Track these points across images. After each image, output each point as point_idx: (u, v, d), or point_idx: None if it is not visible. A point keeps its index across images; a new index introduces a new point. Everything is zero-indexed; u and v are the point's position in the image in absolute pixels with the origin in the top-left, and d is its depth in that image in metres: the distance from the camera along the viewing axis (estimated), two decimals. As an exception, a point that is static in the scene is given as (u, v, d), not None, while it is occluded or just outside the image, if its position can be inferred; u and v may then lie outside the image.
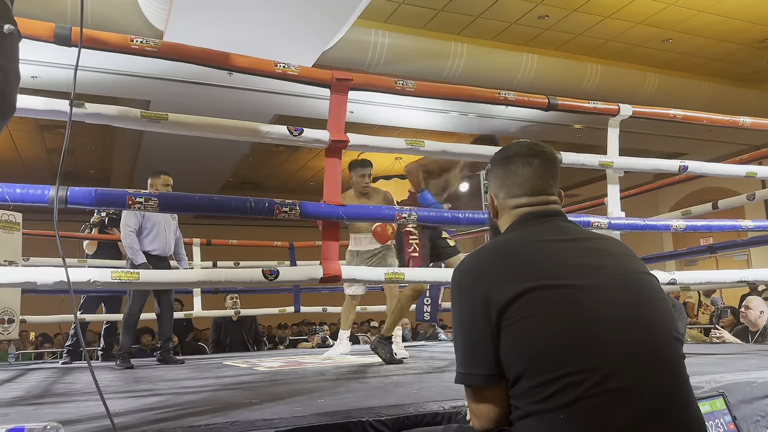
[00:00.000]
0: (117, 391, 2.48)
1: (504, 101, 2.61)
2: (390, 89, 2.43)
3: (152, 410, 1.76)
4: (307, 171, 11.29)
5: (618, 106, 2.96)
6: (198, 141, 8.92)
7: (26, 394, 2.50)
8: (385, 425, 1.48)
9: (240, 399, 1.93)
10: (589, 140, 8.20)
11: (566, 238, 1.23)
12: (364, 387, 2.24)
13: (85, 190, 1.82)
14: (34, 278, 1.80)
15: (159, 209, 1.94)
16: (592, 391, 1.02)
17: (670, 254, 5.08)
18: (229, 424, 1.41)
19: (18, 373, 3.96)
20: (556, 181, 1.34)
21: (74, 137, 8.93)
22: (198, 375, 3.15)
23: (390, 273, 2.42)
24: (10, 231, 4.54)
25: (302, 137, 2.26)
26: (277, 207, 2.14)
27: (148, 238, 4.22)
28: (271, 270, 2.18)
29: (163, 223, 4.30)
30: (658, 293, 1.19)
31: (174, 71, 6.27)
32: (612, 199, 2.95)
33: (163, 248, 4.30)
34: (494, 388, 1.13)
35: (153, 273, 1.98)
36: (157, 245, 4.25)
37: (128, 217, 4.14)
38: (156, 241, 4.24)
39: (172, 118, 2.06)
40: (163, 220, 4.31)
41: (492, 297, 1.11)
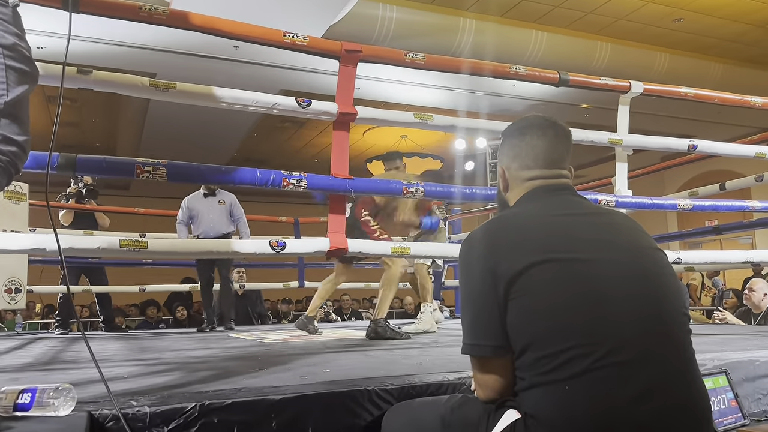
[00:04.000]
0: (123, 359, 2.51)
1: (515, 75, 2.58)
2: (400, 61, 2.41)
3: (159, 377, 1.78)
4: (312, 148, 11.25)
5: (629, 83, 2.94)
6: (203, 116, 8.92)
7: (35, 361, 2.53)
8: (390, 394, 1.49)
9: (246, 368, 1.95)
10: (597, 121, 8.14)
11: (576, 212, 1.23)
12: (369, 359, 2.26)
13: (95, 158, 1.83)
14: (43, 245, 1.81)
15: (167, 179, 1.94)
16: (598, 363, 1.03)
17: (675, 235, 5.07)
18: (237, 390, 1.43)
19: (26, 341, 4.01)
20: (569, 155, 1.34)
21: (80, 110, 8.92)
22: (204, 346, 3.18)
23: (396, 247, 2.42)
24: (17, 201, 4.56)
25: (310, 109, 2.25)
26: (285, 179, 2.14)
27: (195, 226, 5.07)
28: (278, 242, 2.19)
29: (206, 212, 5.05)
30: (666, 268, 1.19)
31: (180, 44, 6.23)
32: (620, 177, 2.94)
33: (207, 232, 5.01)
34: (500, 359, 1.14)
35: (161, 242, 1.98)
36: (202, 229, 5.03)
37: (179, 211, 5.11)
38: (200, 226, 5.03)
39: (180, 87, 2.05)
40: (204, 208, 5.07)
41: (500, 269, 1.11)
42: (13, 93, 1.22)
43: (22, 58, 1.26)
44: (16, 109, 1.23)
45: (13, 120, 1.21)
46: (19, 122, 1.23)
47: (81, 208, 5.35)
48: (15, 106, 1.22)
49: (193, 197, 5.18)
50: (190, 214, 5.09)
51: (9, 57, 1.23)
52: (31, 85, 1.29)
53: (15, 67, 1.24)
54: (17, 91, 1.23)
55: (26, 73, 1.27)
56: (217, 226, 5.04)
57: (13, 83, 1.23)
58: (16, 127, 1.22)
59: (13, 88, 1.22)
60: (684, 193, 4.59)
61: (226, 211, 5.13)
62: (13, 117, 1.22)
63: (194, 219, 5.09)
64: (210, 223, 5.02)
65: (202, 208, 5.08)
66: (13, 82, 1.23)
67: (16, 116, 1.22)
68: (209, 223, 5.03)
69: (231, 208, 5.17)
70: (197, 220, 5.07)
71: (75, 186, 5.28)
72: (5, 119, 1.20)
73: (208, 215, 5.06)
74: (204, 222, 5.04)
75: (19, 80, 1.24)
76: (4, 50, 1.22)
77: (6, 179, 1.22)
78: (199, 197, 5.16)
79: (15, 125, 1.22)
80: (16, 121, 1.22)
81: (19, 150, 1.22)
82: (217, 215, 5.08)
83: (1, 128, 1.19)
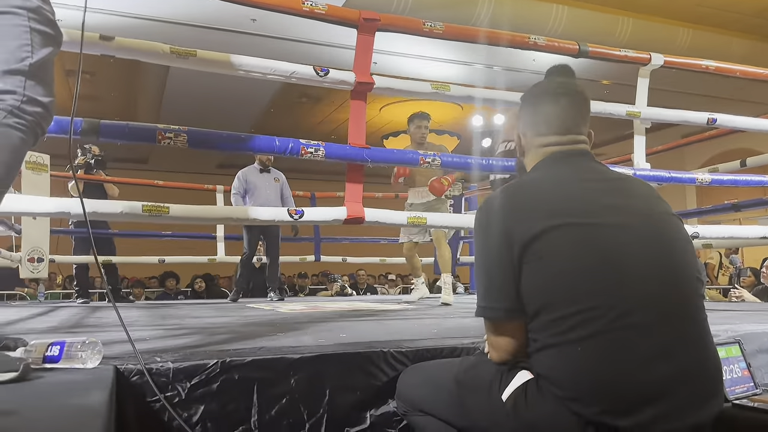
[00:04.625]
0: (145, 324, 2.57)
1: (533, 46, 2.56)
2: (418, 30, 2.40)
3: (180, 339, 1.83)
4: (329, 124, 11.24)
5: (649, 55, 2.91)
6: (220, 92, 8.95)
7: (60, 325, 2.61)
8: (405, 356, 1.52)
9: (265, 332, 1.99)
10: (617, 98, 8.01)
11: (592, 177, 1.23)
12: (384, 326, 2.29)
13: (118, 123, 1.86)
14: (67, 208, 1.85)
15: (188, 145, 1.97)
16: (611, 325, 1.04)
17: (694, 212, 5.03)
18: (257, 350, 1.47)
19: (49, 309, 4.11)
20: (586, 120, 1.33)
21: (99, 84, 8.98)
22: (223, 314, 3.24)
23: (412, 217, 2.44)
24: (38, 172, 4.64)
25: (328, 78, 2.26)
26: (303, 147, 2.16)
27: (251, 200, 5.04)
28: (296, 210, 2.21)
29: (263, 187, 5.09)
30: (681, 233, 1.20)
31: (197, 17, 6.23)
32: (638, 151, 2.92)
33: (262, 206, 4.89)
34: (513, 322, 1.16)
35: (182, 207, 2.02)
36: (259, 204, 4.92)
37: (234, 182, 5.14)
38: (257, 200, 5.00)
39: (200, 54, 2.07)
40: (261, 183, 5.10)
41: (515, 233, 1.13)
42: (37, 55, 1.24)
43: (46, 20, 1.28)
44: (41, 71, 1.25)
45: (38, 81, 1.24)
46: (43, 84, 1.25)
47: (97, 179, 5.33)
48: (40, 68, 1.24)
49: (249, 170, 5.17)
50: (247, 187, 5.10)
51: (33, 20, 1.25)
52: (55, 48, 1.31)
53: (39, 30, 1.26)
54: (42, 53, 1.25)
55: (50, 36, 1.29)
56: (273, 202, 5.03)
57: (38, 45, 1.25)
58: (41, 89, 1.24)
59: (38, 50, 1.25)
60: (704, 170, 4.54)
61: (279, 189, 5.19)
62: (38, 78, 1.24)
63: (250, 192, 5.08)
64: (266, 199, 5.02)
65: (259, 183, 5.11)
66: (38, 44, 1.25)
67: (41, 78, 1.25)
68: (266, 198, 5.03)
69: (283, 186, 5.23)
70: (254, 194, 5.07)
71: (83, 157, 5.24)
72: (30, 81, 1.22)
73: (265, 191, 5.09)
74: (261, 197, 5.04)
75: (43, 42, 1.26)
76: (29, 13, 1.25)
77: (33, 139, 1.24)
78: (254, 171, 5.17)
79: (40, 87, 1.24)
80: (41, 82, 1.24)
81: (45, 111, 1.24)
82: (272, 192, 5.12)
83: (27, 89, 1.21)
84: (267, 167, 5.18)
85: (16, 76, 1.20)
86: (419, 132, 4.11)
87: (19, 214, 3.31)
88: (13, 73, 1.20)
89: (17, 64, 1.21)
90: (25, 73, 1.21)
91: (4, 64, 1.20)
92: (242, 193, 5.12)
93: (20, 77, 1.21)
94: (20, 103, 1.19)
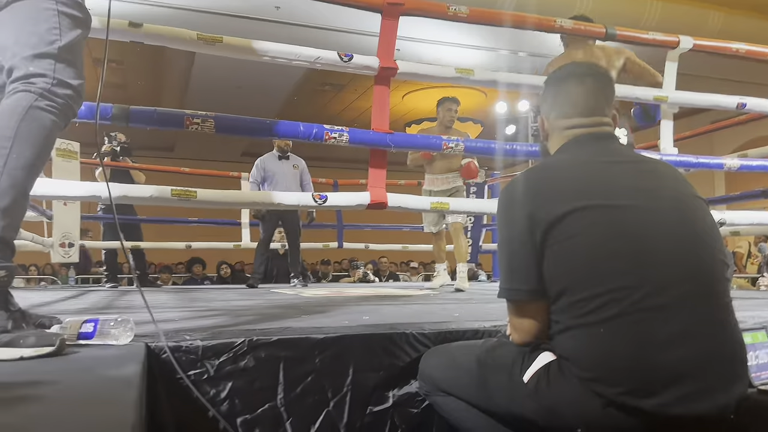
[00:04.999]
0: (174, 306, 2.63)
1: (560, 29, 2.54)
2: (442, 14, 2.39)
3: (208, 320, 1.88)
4: (351, 111, 11.26)
5: (678, 38, 2.86)
6: (244, 79, 9.01)
7: (91, 307, 2.68)
8: (428, 338, 1.54)
9: (290, 314, 2.03)
10: (644, 83, 7.88)
11: (616, 159, 1.23)
12: (407, 310, 2.31)
13: (147, 109, 1.89)
14: (98, 192, 1.90)
15: (215, 130, 2.00)
16: (634, 307, 1.04)
17: (722, 198, 4.93)
18: (282, 329, 1.50)
19: (80, 292, 4.22)
20: (609, 103, 1.32)
21: (125, 72, 9.11)
22: (248, 297, 3.29)
23: (435, 202, 2.45)
24: (69, 160, 4.73)
25: (352, 63, 2.27)
26: (327, 133, 2.18)
27: (269, 188, 4.97)
28: (320, 195, 2.24)
29: (281, 174, 5.01)
30: (706, 216, 1.19)
31: (221, 5, 6.26)
32: (665, 136, 2.88)
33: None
34: (536, 303, 1.16)
35: (209, 192, 2.06)
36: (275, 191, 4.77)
37: (252, 171, 5.07)
38: (276, 188, 4.91)
39: (227, 41, 2.10)
40: (282, 172, 5.02)
41: (538, 215, 1.13)
42: (66, 38, 1.27)
43: (73, 4, 1.30)
44: (70, 54, 1.27)
45: (68, 64, 1.26)
46: (73, 66, 1.27)
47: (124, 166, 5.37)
48: (69, 51, 1.27)
49: (267, 158, 5.12)
50: (265, 175, 5.04)
51: (61, 3, 1.27)
52: (84, 31, 1.34)
53: (67, 13, 1.28)
54: (70, 35, 1.28)
55: (78, 19, 1.31)
56: (291, 189, 4.96)
57: (66, 28, 1.27)
58: (71, 71, 1.27)
59: (66, 33, 1.27)
60: (732, 155, 4.45)
61: (298, 176, 5.12)
62: (68, 61, 1.26)
63: (269, 180, 5.03)
64: (285, 186, 4.97)
65: (278, 170, 5.05)
66: (66, 27, 1.27)
67: (71, 60, 1.27)
68: (285, 185, 4.97)
69: (302, 173, 5.16)
70: (273, 181, 5.01)
71: (109, 145, 5.28)
72: (60, 63, 1.24)
73: (284, 178, 5.02)
74: (280, 184, 4.98)
75: (71, 25, 1.29)
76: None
77: (64, 121, 1.27)
78: (273, 158, 5.10)
79: (70, 69, 1.26)
80: (70, 65, 1.27)
81: (75, 93, 1.27)
82: (291, 179, 5.06)
83: (57, 72, 1.24)
84: (286, 154, 5.11)
85: (45, 59, 1.23)
86: (449, 115, 4.15)
87: (51, 198, 3.38)
88: (43, 57, 1.23)
89: (46, 48, 1.23)
90: (54, 56, 1.24)
91: (34, 47, 1.23)
92: (259, 181, 5.07)
93: (50, 60, 1.23)
94: (50, 85, 1.22)
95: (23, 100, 1.19)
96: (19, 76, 1.21)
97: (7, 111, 1.19)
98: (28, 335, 1.10)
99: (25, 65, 1.22)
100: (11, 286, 1.19)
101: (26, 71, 1.21)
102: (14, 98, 1.20)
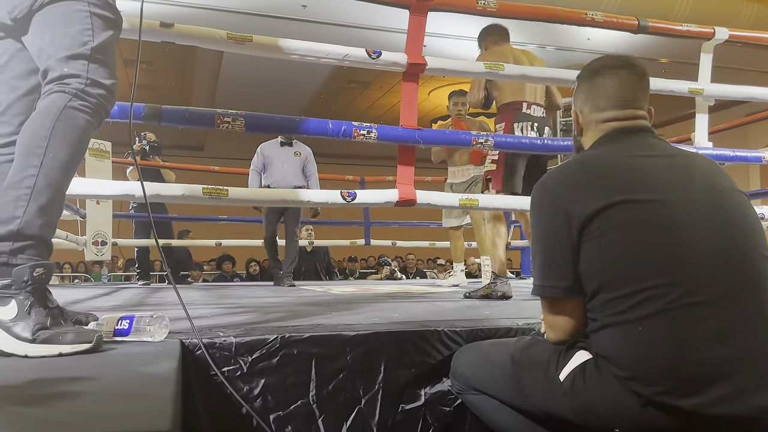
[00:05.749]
0: (205, 303, 2.66)
1: (591, 22, 2.50)
2: (471, 9, 2.37)
3: (240, 316, 1.89)
4: (377, 109, 11.26)
5: (713, 29, 2.79)
6: (271, 78, 9.08)
7: (124, 304, 2.73)
8: (459, 336, 1.53)
9: (320, 312, 2.04)
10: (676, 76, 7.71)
11: (653, 154, 1.20)
12: (437, 307, 2.30)
13: (178, 108, 1.92)
14: (131, 191, 1.93)
15: (245, 129, 2.01)
16: (673, 304, 1.02)
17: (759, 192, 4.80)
18: (314, 326, 1.50)
19: (112, 290, 4.30)
20: (645, 95, 1.29)
21: (155, 73, 9.26)
22: (277, 294, 3.32)
23: (464, 199, 2.43)
24: (101, 159, 4.81)
25: (380, 60, 2.26)
26: (356, 130, 2.18)
27: (267, 174, 4.84)
28: (349, 192, 2.24)
29: (280, 160, 4.83)
30: (747, 210, 1.16)
31: (249, 5, 6.31)
32: (700, 129, 2.82)
33: (278, 181, 4.78)
34: (572, 301, 1.14)
35: (240, 190, 2.08)
36: (273, 180, 4.80)
37: (254, 158, 4.90)
38: (272, 176, 4.81)
39: (256, 40, 2.11)
40: (279, 158, 4.84)
41: (574, 211, 1.11)
42: (98, 39, 1.29)
43: (105, 5, 1.32)
44: (103, 54, 1.29)
45: (101, 64, 1.28)
46: (106, 66, 1.29)
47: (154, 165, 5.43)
48: (101, 51, 1.29)
49: (268, 144, 4.96)
50: (265, 161, 4.88)
51: (93, 4, 1.29)
52: (116, 31, 1.36)
53: (99, 14, 1.30)
54: (103, 36, 1.30)
55: (110, 20, 1.33)
56: (290, 177, 4.81)
57: (99, 29, 1.29)
58: (104, 71, 1.29)
59: (99, 33, 1.29)
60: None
61: (300, 163, 4.91)
62: (101, 62, 1.28)
63: (267, 167, 4.87)
64: (282, 174, 4.80)
65: (275, 157, 4.85)
66: (99, 28, 1.29)
67: (103, 61, 1.29)
68: (282, 173, 4.81)
69: (306, 161, 4.95)
70: (269, 169, 4.85)
71: (139, 144, 5.34)
72: (93, 64, 1.26)
73: (281, 165, 4.83)
74: (276, 172, 4.81)
75: (104, 26, 1.31)
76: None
77: (98, 121, 1.29)
78: (275, 145, 4.92)
79: (102, 69, 1.28)
80: (103, 65, 1.29)
81: (107, 93, 1.29)
82: (290, 166, 4.85)
83: (90, 72, 1.26)
84: (290, 141, 4.88)
85: (79, 60, 1.25)
86: (455, 109, 4.19)
87: (85, 197, 3.45)
88: (76, 58, 1.25)
89: (80, 49, 1.25)
90: (87, 57, 1.26)
91: (67, 49, 1.25)
92: (260, 169, 4.87)
93: (83, 61, 1.25)
94: (84, 86, 1.24)
95: (58, 101, 1.22)
96: (54, 77, 1.24)
97: (43, 111, 1.21)
98: (66, 332, 1.12)
99: (60, 66, 1.24)
100: (49, 283, 1.21)
101: (61, 72, 1.23)
102: (49, 99, 1.22)
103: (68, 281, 8.82)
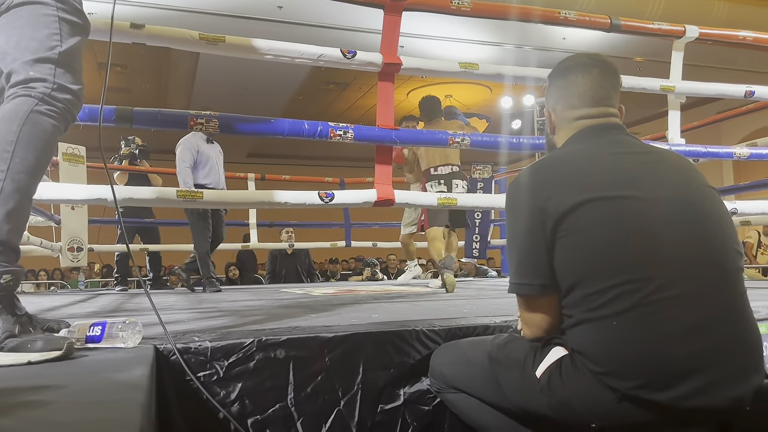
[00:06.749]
0: (182, 308, 2.63)
1: (564, 21, 2.52)
2: (445, 8, 2.37)
3: (217, 320, 1.87)
4: (356, 110, 11.24)
5: (684, 27, 2.83)
6: (249, 80, 9.01)
7: (100, 310, 2.69)
8: (438, 334, 1.52)
9: (299, 314, 2.02)
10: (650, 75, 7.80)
11: (626, 151, 1.21)
12: (416, 307, 2.30)
13: (151, 110, 1.89)
14: (103, 195, 1.89)
15: (219, 130, 1.99)
16: (647, 299, 1.02)
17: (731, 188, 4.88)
18: (291, 329, 1.49)
19: (89, 296, 4.23)
20: (616, 93, 1.31)
21: (130, 76, 9.13)
22: (257, 298, 3.29)
23: (443, 198, 2.43)
24: (75, 164, 4.74)
25: (355, 60, 2.26)
26: (332, 130, 2.17)
27: (202, 172, 4.34)
28: (327, 193, 2.23)
29: (214, 158, 4.43)
30: (718, 205, 1.17)
31: (223, 5, 6.26)
32: (672, 126, 2.86)
33: (216, 181, 4.40)
34: (547, 298, 1.15)
35: (215, 193, 2.05)
36: (212, 179, 4.36)
37: (184, 153, 4.28)
38: (210, 175, 4.37)
39: (229, 40, 2.09)
40: (214, 155, 4.44)
41: (548, 208, 1.11)
42: (66, 44, 1.27)
43: (73, 10, 1.31)
44: (70, 59, 1.28)
45: (68, 69, 1.27)
46: (72, 71, 1.28)
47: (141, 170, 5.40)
48: (69, 56, 1.27)
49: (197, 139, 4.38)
50: (199, 158, 4.34)
51: (62, 9, 1.28)
52: (84, 37, 1.34)
53: (67, 20, 1.29)
54: (70, 42, 1.28)
55: (78, 25, 1.32)
56: (222, 177, 4.48)
57: (66, 34, 1.28)
58: (71, 76, 1.27)
59: (67, 39, 1.28)
60: (741, 145, 4.40)
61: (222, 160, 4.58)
62: (68, 66, 1.27)
63: (203, 163, 4.35)
64: (219, 174, 4.44)
65: (212, 155, 4.41)
66: (66, 33, 1.28)
67: (70, 66, 1.28)
68: (219, 173, 4.44)
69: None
70: (205, 166, 4.35)
71: (127, 148, 5.31)
72: (60, 68, 1.25)
73: (216, 162, 4.44)
74: (214, 170, 4.39)
75: (71, 32, 1.29)
76: (57, 3, 1.27)
77: (64, 125, 1.28)
78: (202, 140, 4.40)
79: (69, 74, 1.27)
80: (70, 70, 1.27)
81: (74, 98, 1.27)
82: (220, 164, 4.51)
83: (57, 77, 1.24)
84: (212, 138, 4.47)
85: (46, 64, 1.23)
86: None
87: (55, 202, 3.39)
88: (43, 62, 1.23)
89: (47, 53, 1.24)
90: (54, 61, 1.24)
91: (34, 52, 1.23)
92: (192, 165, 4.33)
93: (50, 65, 1.24)
94: (51, 90, 1.22)
95: (24, 105, 1.19)
96: (19, 81, 1.21)
97: (9, 115, 1.19)
98: (35, 339, 1.10)
99: (25, 70, 1.22)
100: (18, 290, 1.19)
101: (26, 76, 1.21)
102: (14, 103, 1.20)
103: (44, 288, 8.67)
